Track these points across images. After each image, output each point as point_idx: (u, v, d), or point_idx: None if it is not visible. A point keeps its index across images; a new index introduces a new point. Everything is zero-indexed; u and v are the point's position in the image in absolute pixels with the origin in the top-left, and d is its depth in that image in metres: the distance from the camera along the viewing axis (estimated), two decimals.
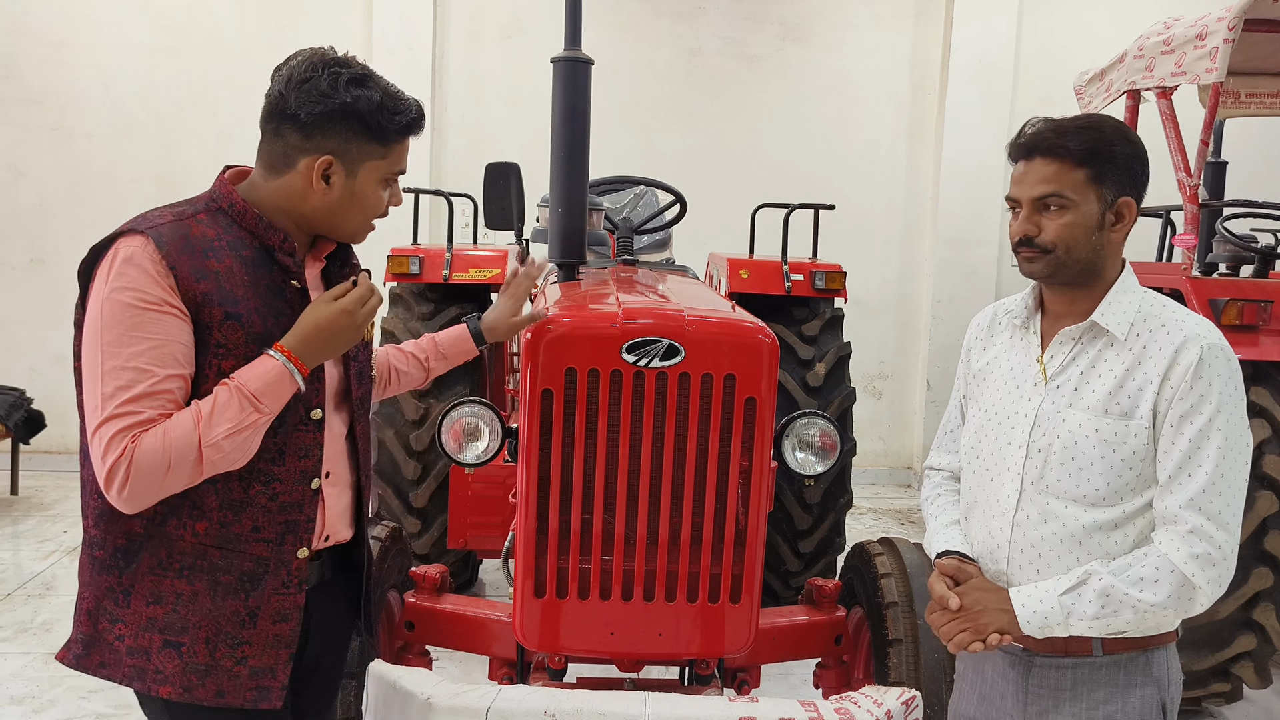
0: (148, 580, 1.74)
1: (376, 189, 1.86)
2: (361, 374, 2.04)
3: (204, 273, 1.70)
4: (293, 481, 1.82)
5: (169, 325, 1.66)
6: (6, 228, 7.16)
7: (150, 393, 1.63)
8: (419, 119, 1.87)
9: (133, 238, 1.69)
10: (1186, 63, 4.03)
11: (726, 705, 2.13)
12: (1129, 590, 1.73)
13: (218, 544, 1.76)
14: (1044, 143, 1.83)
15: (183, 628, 1.74)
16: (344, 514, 1.99)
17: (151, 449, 1.60)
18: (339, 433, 1.97)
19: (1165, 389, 1.77)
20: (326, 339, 1.75)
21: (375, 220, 1.91)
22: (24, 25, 7.10)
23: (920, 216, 7.85)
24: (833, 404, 4.66)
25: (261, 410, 1.68)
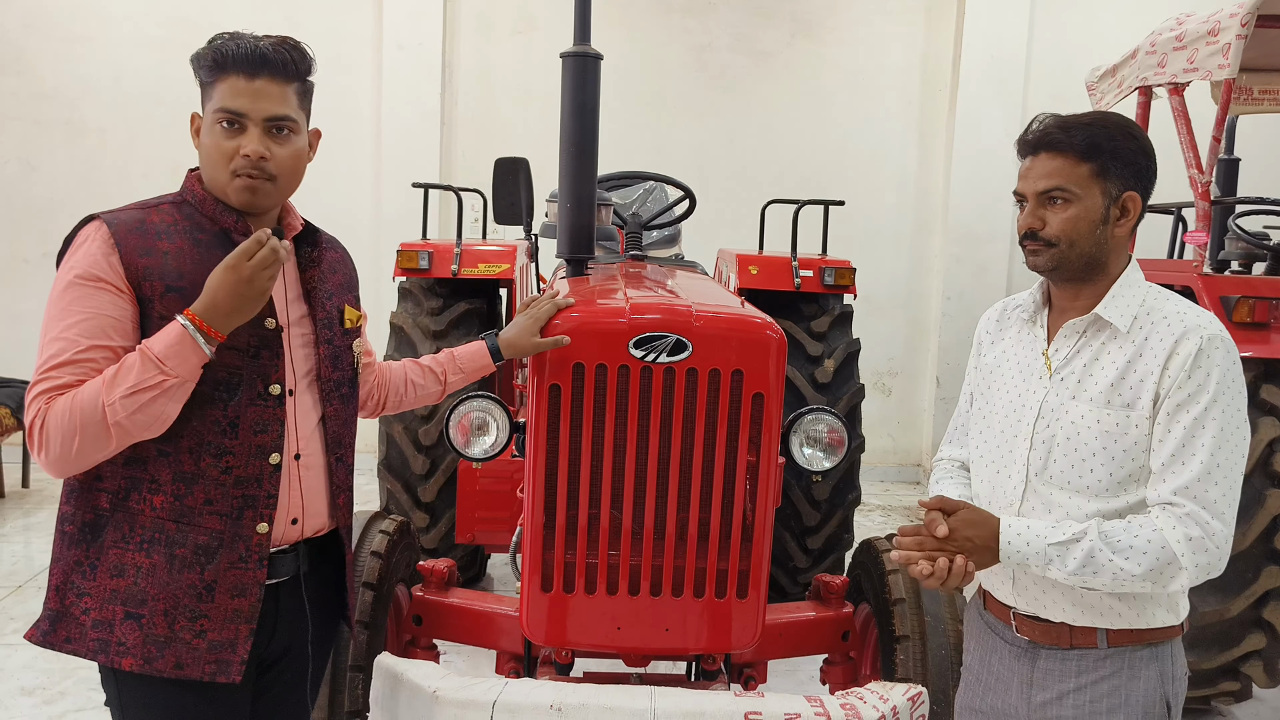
0: (112, 553, 1.79)
1: (212, 131, 1.84)
2: (338, 358, 2.05)
3: (149, 251, 1.79)
4: (248, 455, 1.84)
5: (101, 300, 1.74)
6: (19, 222, 7.20)
7: (72, 360, 1.70)
8: (239, 53, 1.81)
9: (91, 224, 1.81)
10: (1199, 59, 4.01)
11: (733, 700, 2.13)
12: (1113, 557, 1.75)
13: (173, 517, 1.80)
14: (1049, 138, 1.86)
15: (142, 599, 1.78)
16: (319, 498, 2.01)
17: (61, 411, 1.67)
18: (312, 415, 1.99)
19: (1164, 379, 1.79)
20: (225, 300, 1.71)
21: (239, 170, 1.83)
22: (36, 20, 7.13)
23: (930, 213, 7.83)
24: (841, 400, 4.66)
25: (165, 372, 1.68)
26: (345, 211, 7.24)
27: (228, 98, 1.81)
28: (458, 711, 2.02)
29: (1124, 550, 1.74)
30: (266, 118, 1.82)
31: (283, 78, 1.85)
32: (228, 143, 1.82)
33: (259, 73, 1.82)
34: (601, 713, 2.02)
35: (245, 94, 1.81)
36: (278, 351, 1.89)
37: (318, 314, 2.01)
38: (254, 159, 1.81)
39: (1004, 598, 1.97)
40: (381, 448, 4.63)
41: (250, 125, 1.82)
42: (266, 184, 1.85)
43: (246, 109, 1.81)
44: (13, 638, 4.31)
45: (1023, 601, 1.93)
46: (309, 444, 1.98)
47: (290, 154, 1.88)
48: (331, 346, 2.03)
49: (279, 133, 1.85)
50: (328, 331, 2.02)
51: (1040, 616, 1.91)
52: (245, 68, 1.81)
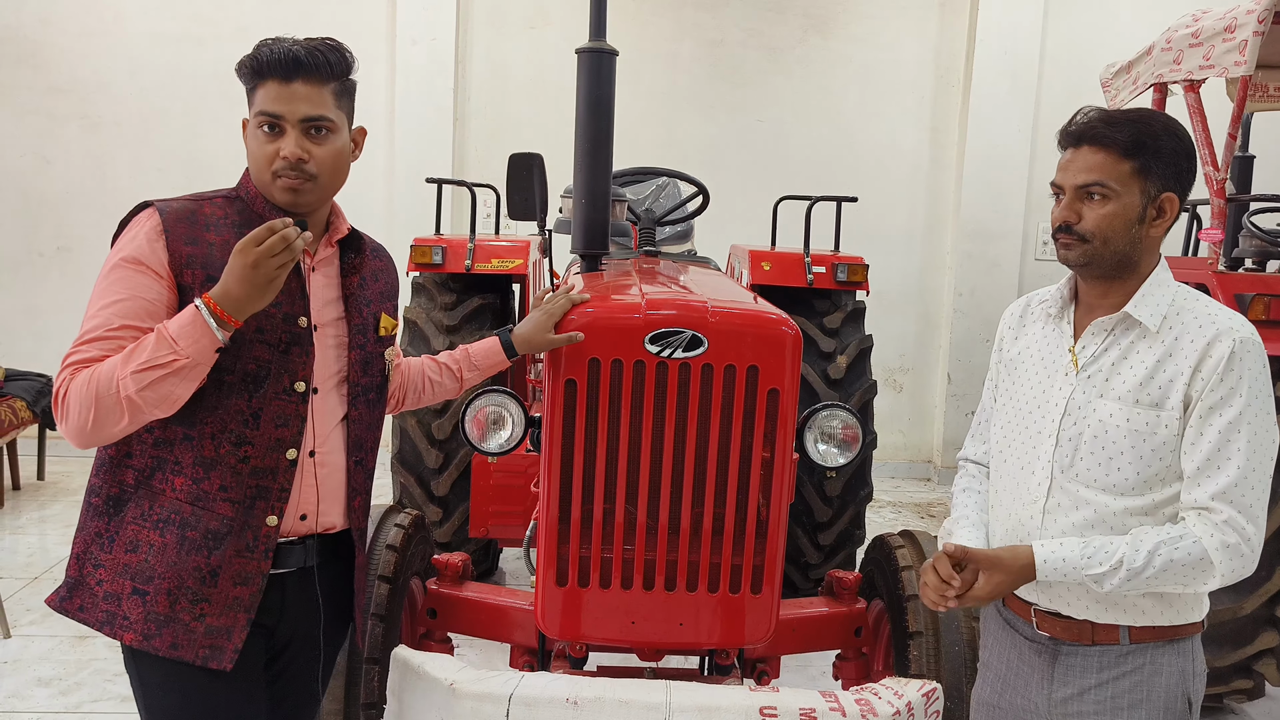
0: (130, 528, 1.84)
1: (255, 135, 1.89)
2: (368, 364, 2.08)
3: (195, 240, 1.85)
4: (266, 447, 1.88)
5: (139, 282, 1.80)
6: (34, 216, 7.24)
7: (102, 337, 1.76)
8: (273, 58, 1.85)
9: (146, 210, 1.88)
10: (1215, 56, 4.00)
11: (748, 694, 2.14)
12: (1150, 575, 1.76)
13: (190, 500, 1.85)
14: (1093, 132, 1.84)
15: (149, 577, 1.83)
16: (334, 498, 2.03)
17: (81, 382, 1.72)
18: (334, 414, 2.02)
19: (1196, 381, 1.79)
20: (235, 285, 1.72)
21: (280, 172, 1.88)
22: (52, 14, 7.16)
23: (943, 209, 7.82)
24: (854, 397, 4.66)
25: (177, 352, 1.70)
26: (358, 206, 7.20)
27: (266, 102, 1.86)
28: (475, 704, 2.04)
29: (1163, 565, 1.75)
30: (303, 119, 1.87)
31: (318, 79, 1.88)
32: (268, 146, 1.87)
33: (294, 76, 1.86)
34: (618, 706, 2.03)
35: (281, 98, 1.85)
36: (307, 350, 1.93)
37: (353, 319, 2.04)
38: (291, 160, 1.86)
39: (1025, 594, 1.97)
40: (395, 442, 4.65)
41: (288, 128, 1.87)
42: (307, 184, 1.89)
43: (283, 112, 1.86)
44: (29, 629, 4.34)
45: (1044, 599, 1.94)
46: (327, 443, 2.00)
47: (329, 153, 1.92)
48: (363, 352, 2.07)
49: (317, 133, 1.89)
50: (361, 337, 2.06)
51: (1062, 613, 1.91)
52: (281, 72, 1.85)
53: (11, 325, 7.27)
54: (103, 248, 1.90)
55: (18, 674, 3.93)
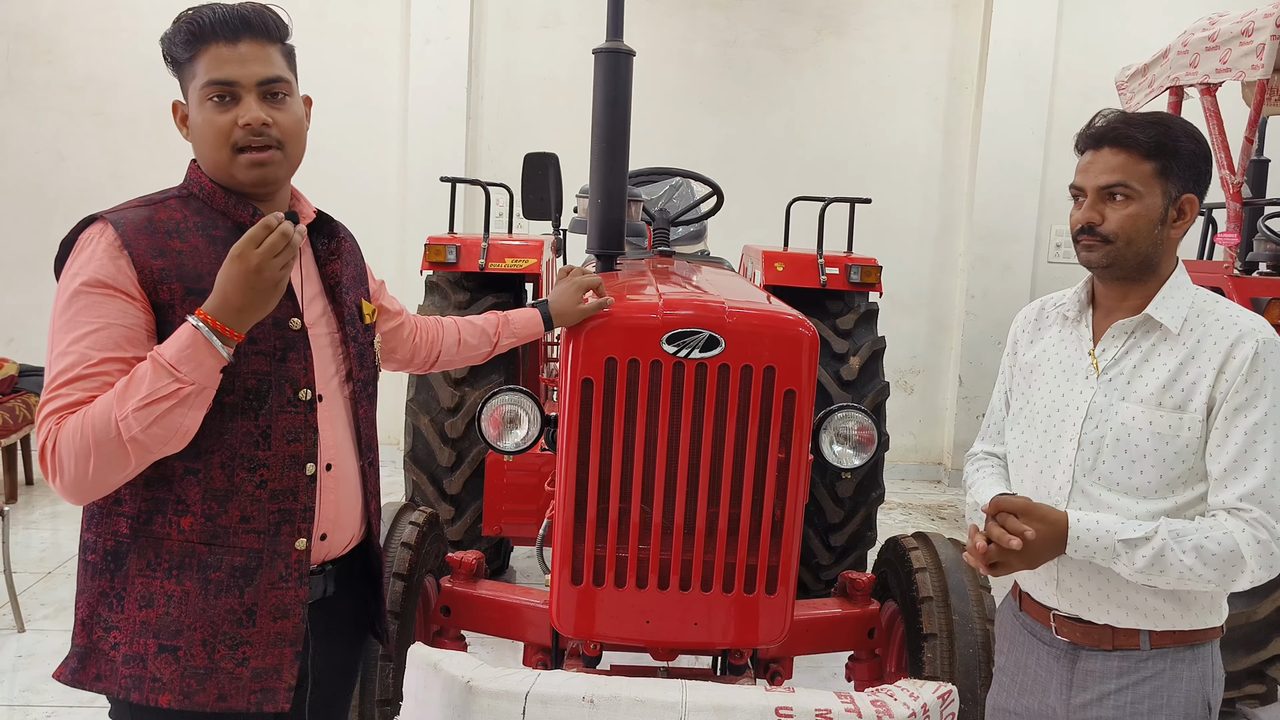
0: (138, 582, 1.66)
1: (203, 110, 1.69)
2: (363, 355, 1.93)
3: (163, 251, 1.65)
4: (282, 467, 1.72)
5: (112, 308, 1.60)
6: (50, 211, 7.26)
7: (83, 375, 1.57)
8: (216, 19, 1.67)
9: (95, 225, 1.67)
10: (1232, 59, 3.98)
11: (763, 694, 2.14)
12: (1183, 556, 1.74)
13: (205, 539, 1.67)
14: (1114, 133, 1.85)
15: (177, 630, 1.65)
16: (352, 508, 1.89)
17: (72, 430, 1.52)
18: (341, 420, 1.87)
19: (1220, 382, 1.78)
20: (236, 294, 1.55)
21: (241, 144, 1.69)
22: (67, 11, 7.19)
23: (955, 211, 7.80)
24: (866, 398, 4.65)
25: (180, 379, 1.53)
26: (372, 205, 7.28)
27: (213, 68, 1.67)
28: (491, 702, 2.04)
29: (1194, 550, 1.74)
30: (259, 81, 1.69)
31: (266, 38, 1.71)
32: (222, 117, 1.68)
33: (240, 36, 1.68)
34: (633, 705, 2.03)
35: (231, 60, 1.67)
36: (305, 353, 1.77)
37: (343, 310, 1.88)
38: (256, 126, 1.67)
39: (1045, 599, 1.97)
40: (407, 440, 4.66)
41: (244, 93, 1.68)
42: (275, 153, 1.72)
43: (236, 76, 1.67)
44: (44, 624, 4.37)
45: (1065, 604, 1.93)
46: (339, 451, 1.85)
47: (292, 119, 1.75)
48: (358, 344, 1.91)
49: (275, 97, 1.72)
50: (352, 329, 1.90)
51: (1082, 618, 1.91)
52: (226, 34, 1.67)
53: (26, 321, 7.29)
54: None
55: (32, 668, 3.95)
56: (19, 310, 7.31)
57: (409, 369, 2.36)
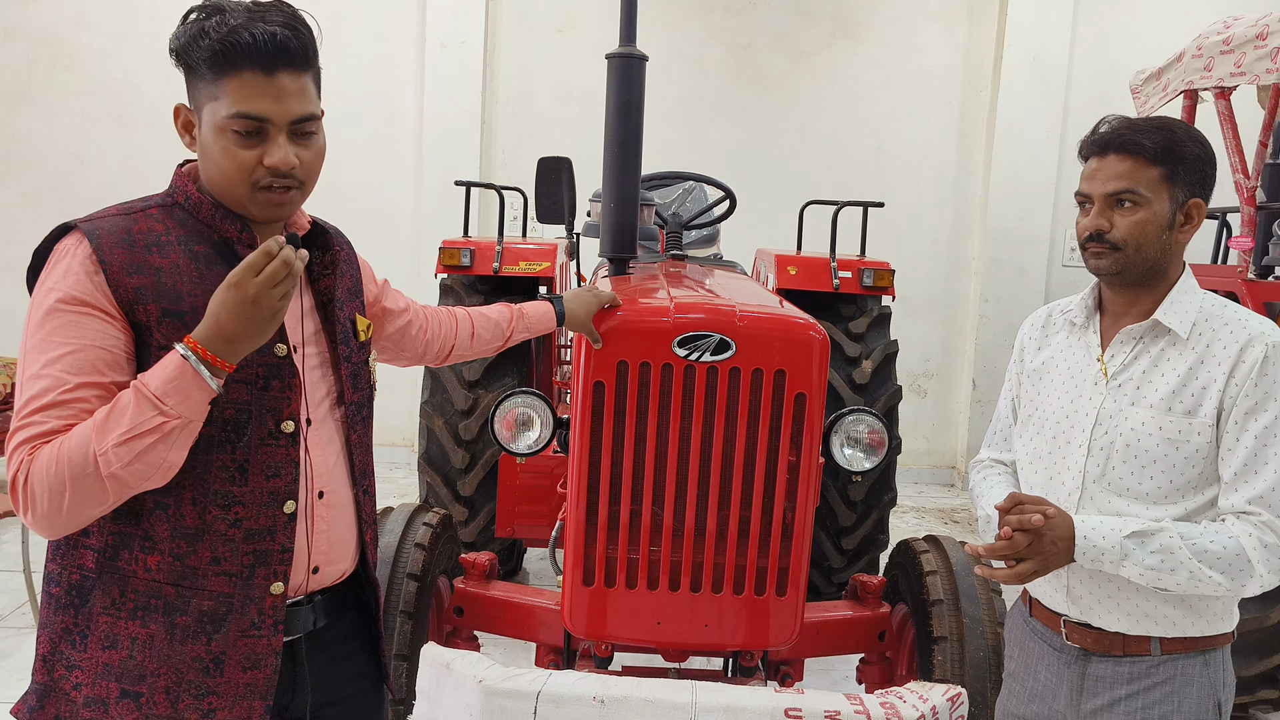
0: (103, 621, 1.54)
1: (219, 139, 1.53)
2: (357, 377, 1.80)
3: (140, 268, 1.52)
4: (259, 505, 1.59)
5: (90, 328, 1.47)
6: (68, 214, 7.11)
7: (58, 402, 1.44)
8: (253, 43, 1.49)
9: (70, 236, 1.54)
10: (1246, 63, 3.98)
11: (773, 696, 2.15)
12: (1192, 556, 1.74)
13: (172, 580, 1.55)
14: (1120, 139, 1.84)
15: (140, 675, 1.54)
16: (345, 539, 1.77)
17: (46, 463, 1.40)
18: (334, 446, 1.74)
19: (1230, 386, 1.78)
20: (230, 324, 1.43)
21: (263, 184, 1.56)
22: (86, 16, 7.27)
23: (969, 215, 7.79)
24: (879, 402, 4.66)
25: (165, 412, 1.41)
26: (387, 208, 7.33)
27: (244, 100, 1.51)
28: (503, 701, 2.06)
29: (1202, 551, 1.74)
30: (293, 120, 1.55)
31: (303, 68, 1.56)
32: (246, 153, 1.54)
33: (277, 66, 1.51)
34: (644, 705, 2.05)
35: (266, 95, 1.52)
36: (290, 382, 1.63)
37: (336, 329, 1.75)
38: (284, 170, 1.55)
39: (1055, 605, 1.97)
40: (421, 441, 4.69)
41: (273, 131, 1.54)
42: (295, 193, 1.60)
43: (269, 114, 1.52)
44: None
45: (1076, 610, 1.93)
46: (332, 478, 1.72)
47: (316, 154, 1.62)
48: (351, 365, 1.78)
49: (304, 135, 1.58)
50: (345, 348, 1.76)
51: (1093, 625, 1.91)
52: (262, 62, 1.50)
53: None
54: None
55: None
56: None
57: (419, 364, 2.32)
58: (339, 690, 1.81)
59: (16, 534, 4.99)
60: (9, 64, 7.27)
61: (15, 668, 3.96)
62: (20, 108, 7.30)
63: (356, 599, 1.85)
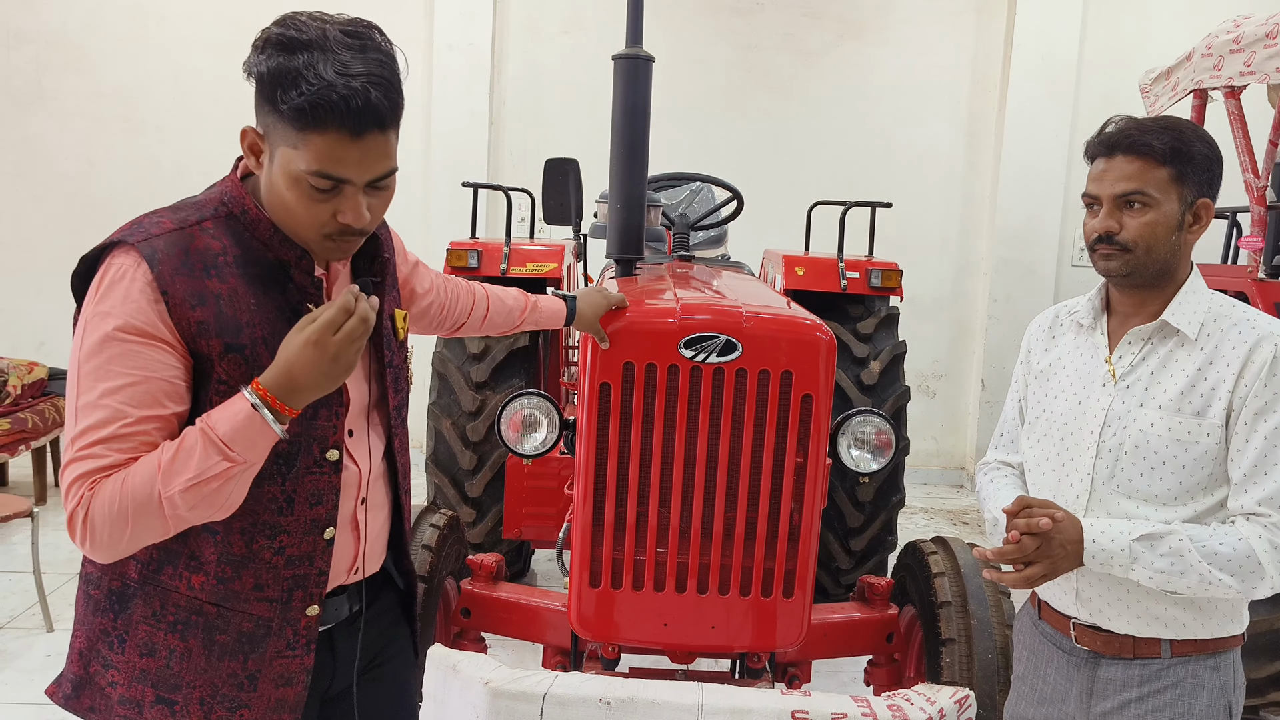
0: (142, 629, 1.57)
1: (294, 187, 1.48)
2: (397, 380, 1.79)
3: (201, 297, 1.48)
4: (302, 533, 1.60)
5: (151, 359, 1.44)
6: (79, 218, 7.36)
7: (119, 435, 1.42)
8: (343, 106, 1.41)
9: (125, 254, 1.49)
10: (1256, 62, 3.96)
11: (779, 698, 2.15)
12: (1201, 558, 1.73)
13: (214, 600, 1.56)
14: (1127, 140, 1.83)
15: (175, 685, 1.57)
16: (381, 538, 1.80)
17: (108, 499, 1.39)
18: (375, 451, 1.76)
19: (1239, 387, 1.77)
20: (303, 376, 1.42)
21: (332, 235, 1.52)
22: (97, 19, 7.29)
23: (978, 215, 7.77)
24: (887, 402, 4.65)
25: (231, 458, 1.40)
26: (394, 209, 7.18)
27: (327, 162, 1.45)
28: (509, 703, 2.06)
29: (1212, 553, 1.73)
30: (371, 180, 1.51)
31: (391, 124, 1.51)
32: (320, 207, 1.49)
33: (365, 129, 1.45)
34: (650, 707, 2.05)
35: (350, 160, 1.46)
36: (337, 411, 1.63)
37: (380, 339, 1.74)
38: (356, 228, 1.52)
39: (1064, 608, 1.96)
40: (429, 443, 4.69)
41: (350, 190, 1.49)
42: (359, 239, 1.58)
43: (351, 175, 1.47)
44: (69, 623, 4.42)
45: (1085, 613, 1.92)
46: (373, 484, 1.75)
47: (387, 202, 1.59)
48: (394, 370, 1.77)
49: (379, 188, 1.55)
50: (389, 353, 1.76)
51: (1102, 627, 1.90)
52: (351, 125, 1.43)
53: (56, 326, 7.40)
54: None
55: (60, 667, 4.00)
56: (50, 315, 7.42)
57: (423, 334, 2.28)
58: (378, 657, 1.87)
59: (26, 535, 5.02)
60: (19, 67, 7.30)
61: (26, 668, 3.98)
62: (31, 111, 7.33)
63: (390, 580, 1.90)
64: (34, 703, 3.72)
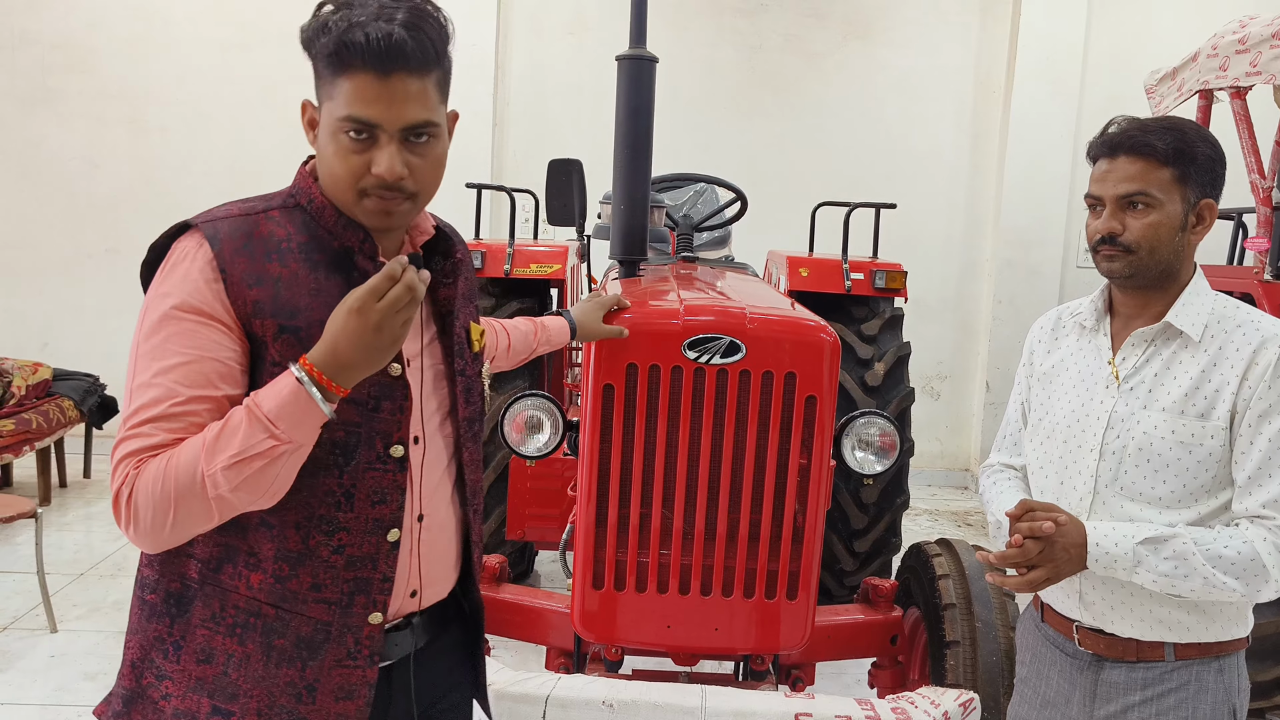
0: (200, 634, 1.50)
1: (332, 140, 1.47)
2: (470, 390, 1.71)
3: (259, 278, 1.46)
4: (363, 532, 1.53)
5: (206, 338, 1.42)
6: (83, 218, 7.38)
7: (169, 414, 1.38)
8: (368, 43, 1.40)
9: (189, 236, 1.48)
10: (1262, 62, 3.95)
11: (783, 701, 2.14)
12: (1205, 562, 1.72)
13: (273, 601, 1.50)
14: (1130, 140, 1.82)
15: (233, 694, 1.50)
16: (447, 561, 1.69)
17: (153, 478, 1.35)
18: (440, 462, 1.66)
19: (1244, 389, 1.76)
20: (348, 349, 1.37)
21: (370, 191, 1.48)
22: (100, 20, 7.30)
23: (982, 216, 7.77)
24: (891, 404, 4.64)
25: (276, 436, 1.35)
26: None
27: (355, 104, 1.43)
28: (512, 705, 2.06)
29: (1216, 557, 1.72)
30: (403, 128, 1.46)
31: (422, 69, 1.46)
32: (356, 157, 1.46)
33: (393, 68, 1.43)
34: (653, 710, 2.05)
35: (378, 100, 1.43)
36: (401, 404, 1.55)
37: (452, 342, 1.67)
38: (389, 180, 1.46)
39: (1067, 611, 1.95)
40: None
41: (383, 138, 1.46)
42: (404, 203, 1.51)
43: (380, 118, 1.44)
44: (75, 624, 4.43)
45: (1089, 616, 1.91)
46: (433, 499, 1.64)
47: (432, 164, 1.53)
48: (465, 379, 1.69)
49: (418, 140, 1.49)
50: (460, 360, 1.68)
51: (1106, 631, 1.89)
52: (376, 63, 1.42)
53: (60, 326, 7.42)
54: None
55: (64, 668, 4.01)
56: (53, 315, 7.43)
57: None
58: (437, 703, 1.76)
59: (30, 536, 5.03)
60: (23, 68, 7.31)
61: (29, 669, 3.98)
62: (34, 111, 7.34)
63: (459, 612, 1.78)
64: (37, 704, 3.72)
